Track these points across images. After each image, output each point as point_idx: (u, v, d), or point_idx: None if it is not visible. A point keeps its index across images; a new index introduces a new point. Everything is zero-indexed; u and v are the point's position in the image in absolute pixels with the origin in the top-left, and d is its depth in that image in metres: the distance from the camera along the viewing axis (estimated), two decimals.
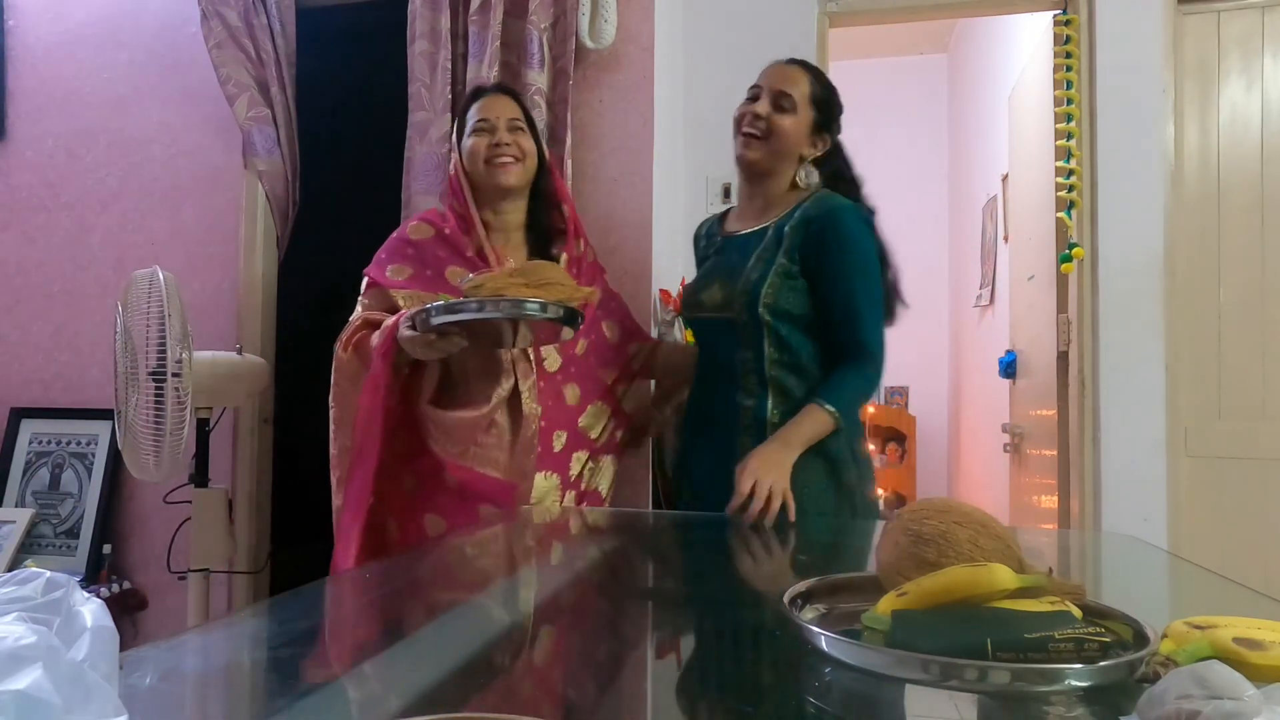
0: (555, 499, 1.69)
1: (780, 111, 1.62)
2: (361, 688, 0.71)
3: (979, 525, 0.81)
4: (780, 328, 1.59)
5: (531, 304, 1.46)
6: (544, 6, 2.17)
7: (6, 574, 0.49)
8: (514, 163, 1.70)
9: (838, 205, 1.62)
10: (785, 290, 1.58)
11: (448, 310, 1.47)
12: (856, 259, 1.59)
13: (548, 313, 1.48)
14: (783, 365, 1.60)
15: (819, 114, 1.66)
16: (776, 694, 0.75)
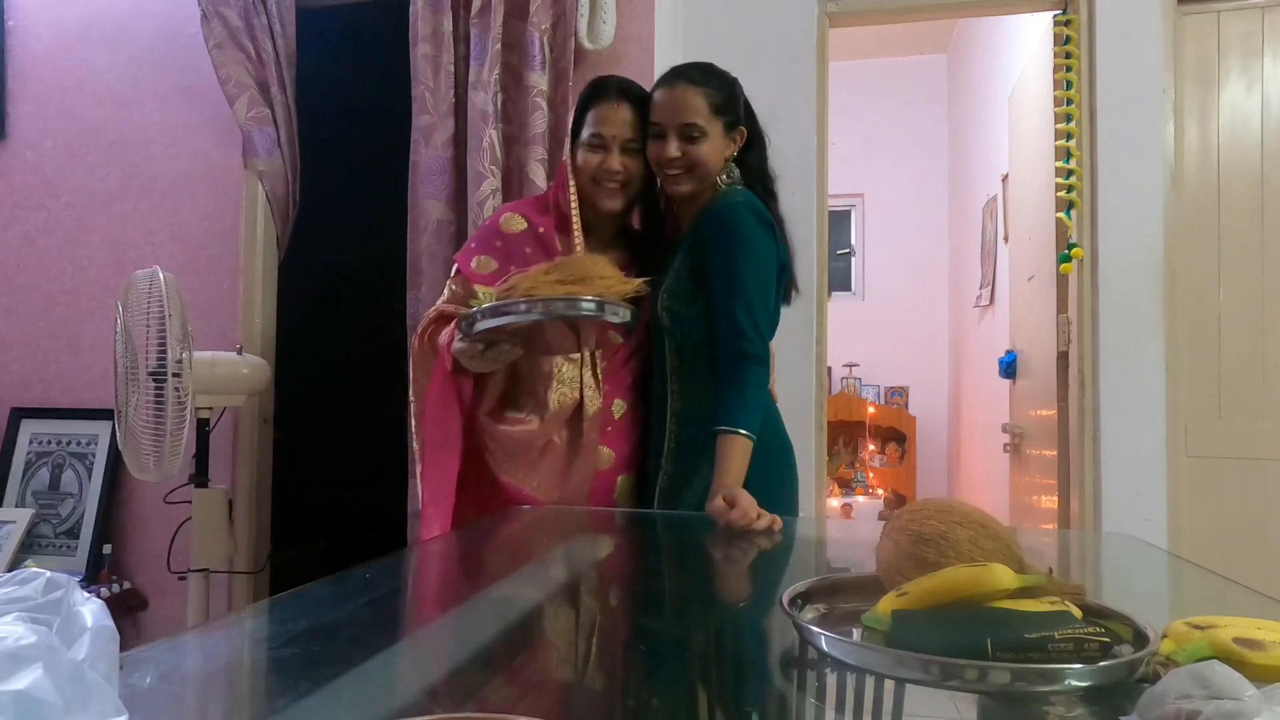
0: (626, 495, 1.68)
1: (691, 142, 1.56)
2: (361, 688, 0.71)
3: (979, 525, 0.81)
4: (678, 330, 1.58)
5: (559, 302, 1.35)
6: (544, 8, 2.17)
7: (6, 574, 0.49)
8: (619, 189, 1.63)
9: (730, 201, 1.57)
10: (678, 293, 1.57)
11: (491, 314, 1.37)
12: (732, 258, 1.53)
13: (588, 310, 1.36)
14: (681, 369, 1.59)
15: (726, 117, 1.61)
16: (776, 694, 0.75)
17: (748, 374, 1.51)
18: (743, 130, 1.64)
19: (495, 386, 1.60)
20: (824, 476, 2.63)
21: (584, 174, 1.63)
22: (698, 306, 1.56)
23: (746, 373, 1.51)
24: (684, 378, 1.60)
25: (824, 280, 2.60)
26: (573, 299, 1.36)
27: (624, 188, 1.63)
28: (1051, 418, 2.62)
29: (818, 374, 2.57)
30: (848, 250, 5.77)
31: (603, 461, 1.64)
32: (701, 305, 1.56)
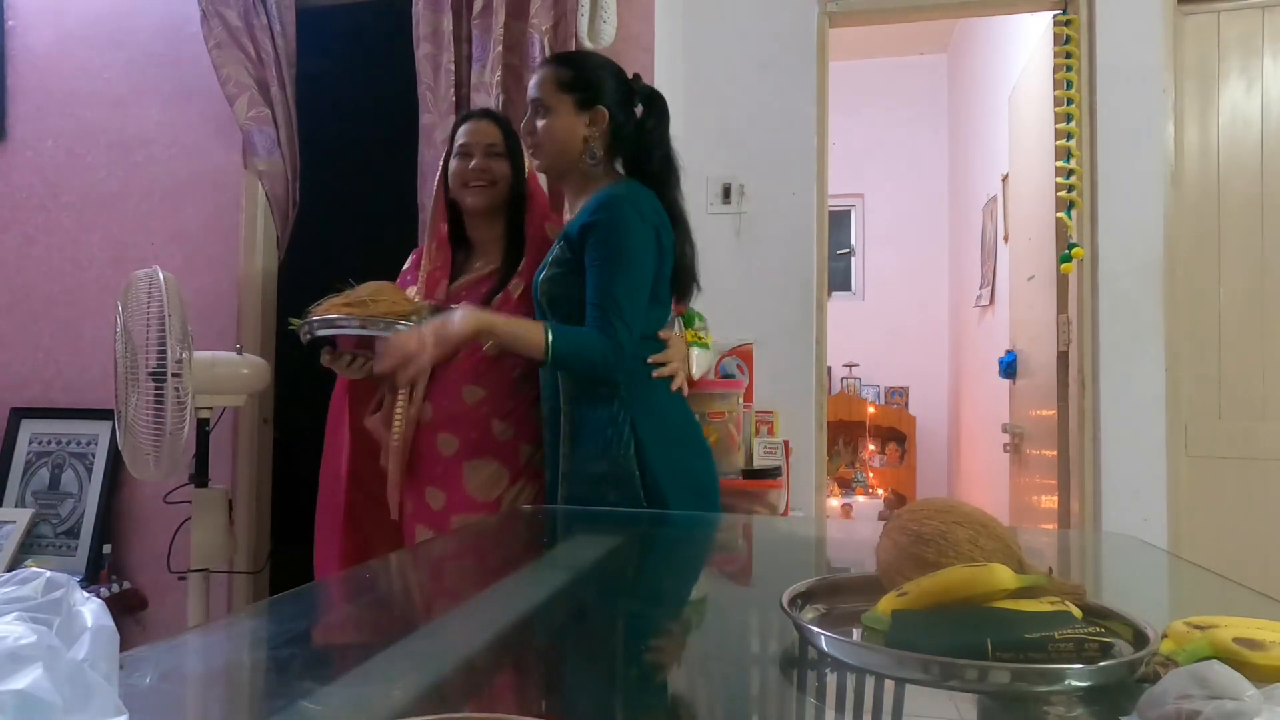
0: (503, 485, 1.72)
1: (536, 116, 1.64)
2: (361, 688, 0.71)
3: (979, 525, 0.81)
4: (553, 312, 1.60)
5: (315, 321, 1.64)
6: (544, 8, 2.17)
7: (6, 574, 0.49)
8: (485, 188, 1.78)
9: (613, 194, 1.58)
10: (556, 279, 1.60)
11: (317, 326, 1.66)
12: (606, 247, 1.54)
13: (358, 328, 1.62)
14: None
15: (576, 94, 1.62)
16: (776, 694, 0.75)
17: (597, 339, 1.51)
18: (601, 110, 1.63)
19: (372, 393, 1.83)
20: (824, 476, 2.63)
21: (455, 180, 1.80)
22: (575, 290, 1.57)
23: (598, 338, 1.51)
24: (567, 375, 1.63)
25: (824, 280, 2.60)
26: (372, 318, 1.62)
27: (490, 187, 1.78)
28: (1051, 418, 2.62)
29: (818, 374, 2.57)
30: (848, 250, 5.77)
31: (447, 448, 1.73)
32: (578, 290, 1.57)
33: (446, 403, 1.74)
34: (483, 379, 1.73)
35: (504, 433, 1.73)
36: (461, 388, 1.73)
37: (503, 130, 1.82)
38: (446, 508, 1.70)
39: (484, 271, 1.82)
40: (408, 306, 1.68)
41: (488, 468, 1.71)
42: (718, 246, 2.60)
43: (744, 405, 2.36)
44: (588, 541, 1.44)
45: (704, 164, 2.63)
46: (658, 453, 1.58)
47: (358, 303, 1.65)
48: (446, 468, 1.71)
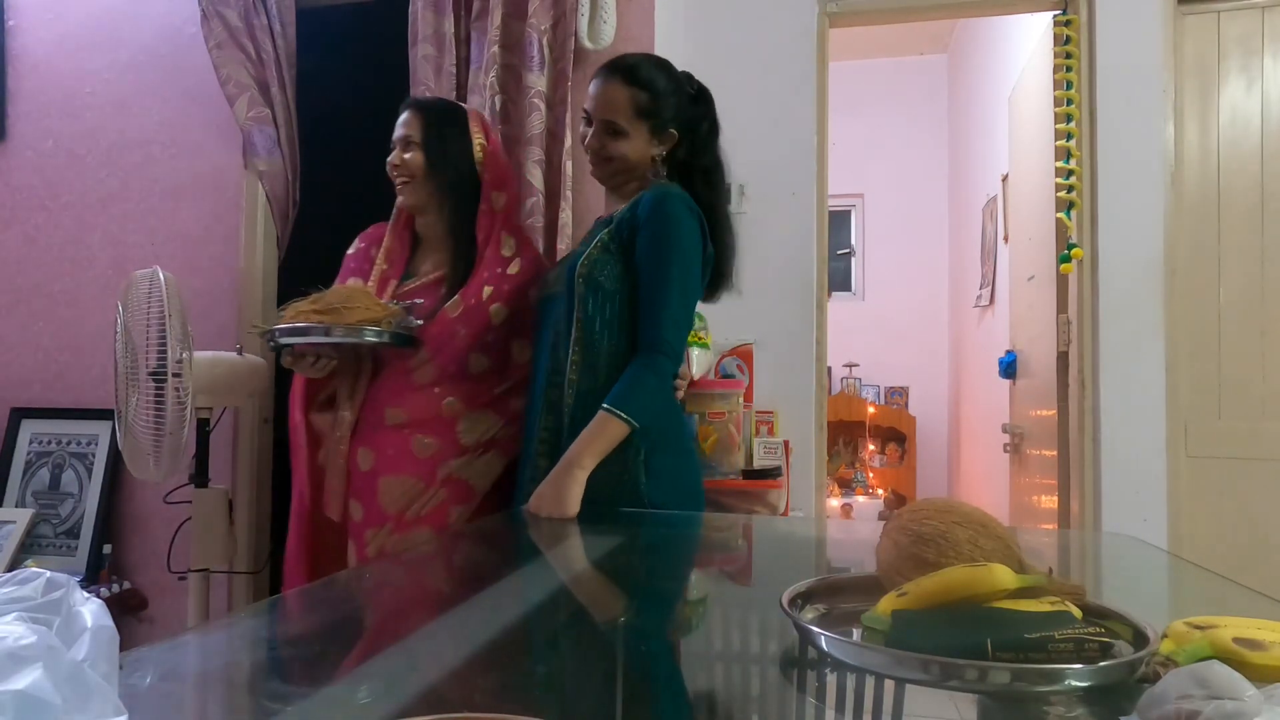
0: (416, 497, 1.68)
1: (613, 138, 1.61)
2: (361, 688, 0.71)
3: (979, 525, 0.81)
4: (590, 300, 1.56)
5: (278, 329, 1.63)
6: (543, 8, 2.17)
7: (6, 574, 0.49)
8: (404, 185, 1.76)
9: (663, 191, 1.58)
10: (600, 262, 1.56)
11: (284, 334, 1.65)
12: (663, 252, 1.54)
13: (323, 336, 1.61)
14: (585, 341, 1.57)
15: (651, 120, 1.62)
16: (776, 694, 0.75)
17: (654, 365, 1.52)
18: (673, 133, 1.65)
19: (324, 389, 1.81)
20: (824, 476, 2.63)
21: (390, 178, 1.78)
22: (617, 283, 1.56)
23: (653, 364, 1.52)
24: (586, 350, 1.57)
25: (824, 280, 2.60)
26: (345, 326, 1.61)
27: (409, 182, 1.75)
28: (1051, 418, 2.62)
29: (818, 374, 2.57)
30: (848, 250, 5.77)
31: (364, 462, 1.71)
32: (621, 284, 1.56)
33: (370, 418, 1.72)
34: (406, 401, 1.71)
35: (425, 449, 1.70)
36: (384, 409, 1.71)
37: (425, 120, 1.76)
38: (364, 521, 1.68)
39: (431, 277, 1.79)
40: (380, 312, 1.66)
41: (403, 484, 1.68)
42: None
43: (744, 405, 2.36)
44: (588, 541, 1.44)
45: None
46: (662, 461, 1.57)
47: (329, 309, 1.63)
48: (364, 482, 1.70)
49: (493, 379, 1.76)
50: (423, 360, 1.71)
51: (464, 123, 1.80)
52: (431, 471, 1.69)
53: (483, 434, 1.74)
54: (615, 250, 1.57)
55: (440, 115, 1.79)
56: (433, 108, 1.81)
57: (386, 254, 1.82)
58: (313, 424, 1.78)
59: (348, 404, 1.73)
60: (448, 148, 1.76)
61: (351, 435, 1.72)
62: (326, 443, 1.75)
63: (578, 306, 1.57)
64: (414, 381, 1.72)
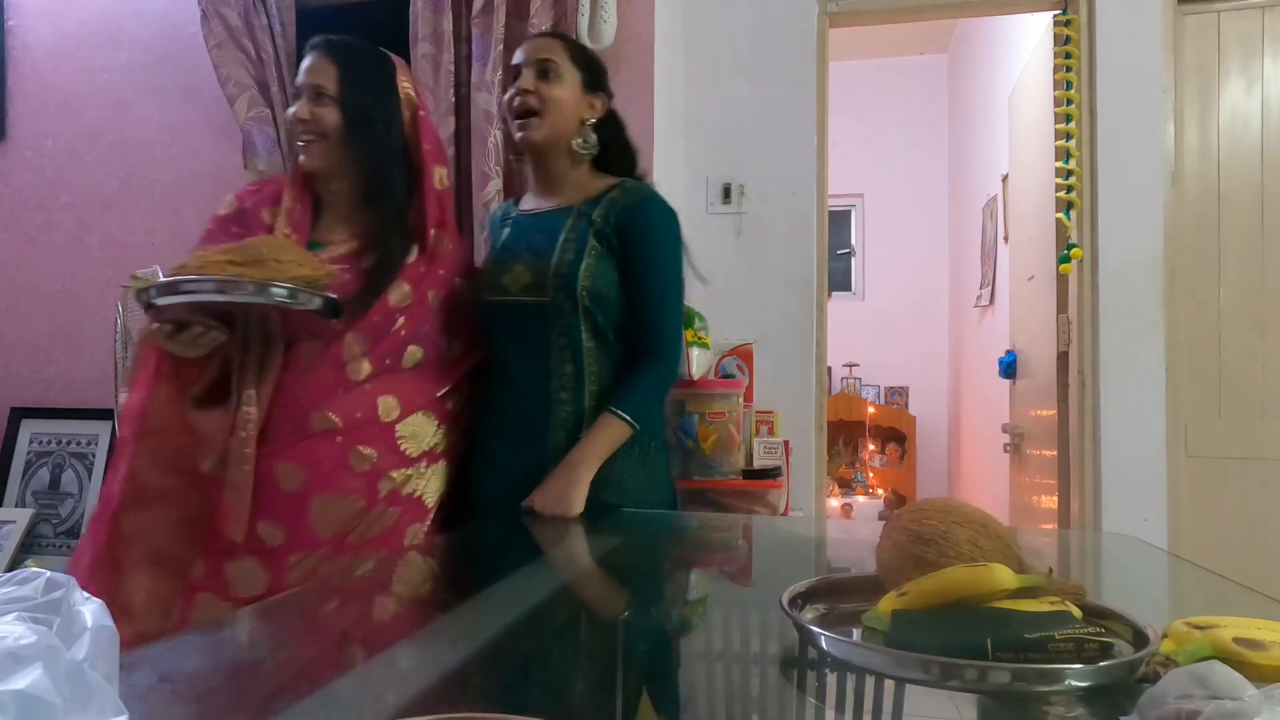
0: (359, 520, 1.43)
1: (547, 80, 1.54)
2: (361, 688, 0.71)
3: (979, 525, 0.81)
4: (598, 313, 1.53)
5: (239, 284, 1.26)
6: (545, 8, 2.17)
7: (6, 574, 0.49)
8: (313, 142, 1.49)
9: (649, 197, 1.59)
10: (601, 275, 1.53)
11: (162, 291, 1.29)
12: (666, 254, 1.57)
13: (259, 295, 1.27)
14: (598, 350, 1.55)
15: (586, 73, 1.59)
16: (776, 694, 0.75)
17: (659, 371, 1.55)
18: (603, 97, 1.62)
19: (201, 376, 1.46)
20: (824, 476, 2.63)
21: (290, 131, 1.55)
22: (617, 290, 1.55)
23: (659, 370, 1.55)
24: (600, 359, 1.55)
25: (824, 280, 2.60)
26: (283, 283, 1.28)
27: (318, 141, 1.48)
28: (1051, 418, 2.62)
29: (818, 374, 2.57)
30: (848, 250, 5.77)
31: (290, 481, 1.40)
32: (619, 290, 1.55)
33: (290, 427, 1.41)
34: (338, 403, 1.43)
35: (363, 462, 1.43)
36: (310, 414, 1.41)
37: (343, 69, 1.50)
38: (286, 546, 1.39)
39: (341, 250, 1.51)
40: (319, 270, 1.37)
41: (340, 504, 1.41)
42: (718, 246, 2.60)
43: (744, 405, 2.36)
44: (587, 541, 1.44)
45: (704, 164, 2.63)
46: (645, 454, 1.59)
47: (253, 261, 1.30)
48: (288, 503, 1.39)
49: (430, 377, 1.55)
50: (357, 353, 1.45)
51: (391, 76, 1.55)
52: (372, 488, 1.44)
53: (426, 441, 1.53)
54: (609, 256, 1.55)
55: (362, 64, 1.53)
56: (353, 53, 1.54)
57: (289, 217, 1.52)
58: (193, 424, 1.43)
59: (252, 399, 1.40)
60: (371, 106, 1.51)
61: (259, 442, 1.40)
62: (212, 448, 1.40)
63: (584, 318, 1.53)
64: (347, 378, 1.44)
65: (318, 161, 1.50)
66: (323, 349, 1.44)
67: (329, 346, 1.44)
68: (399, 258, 1.51)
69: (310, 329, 1.44)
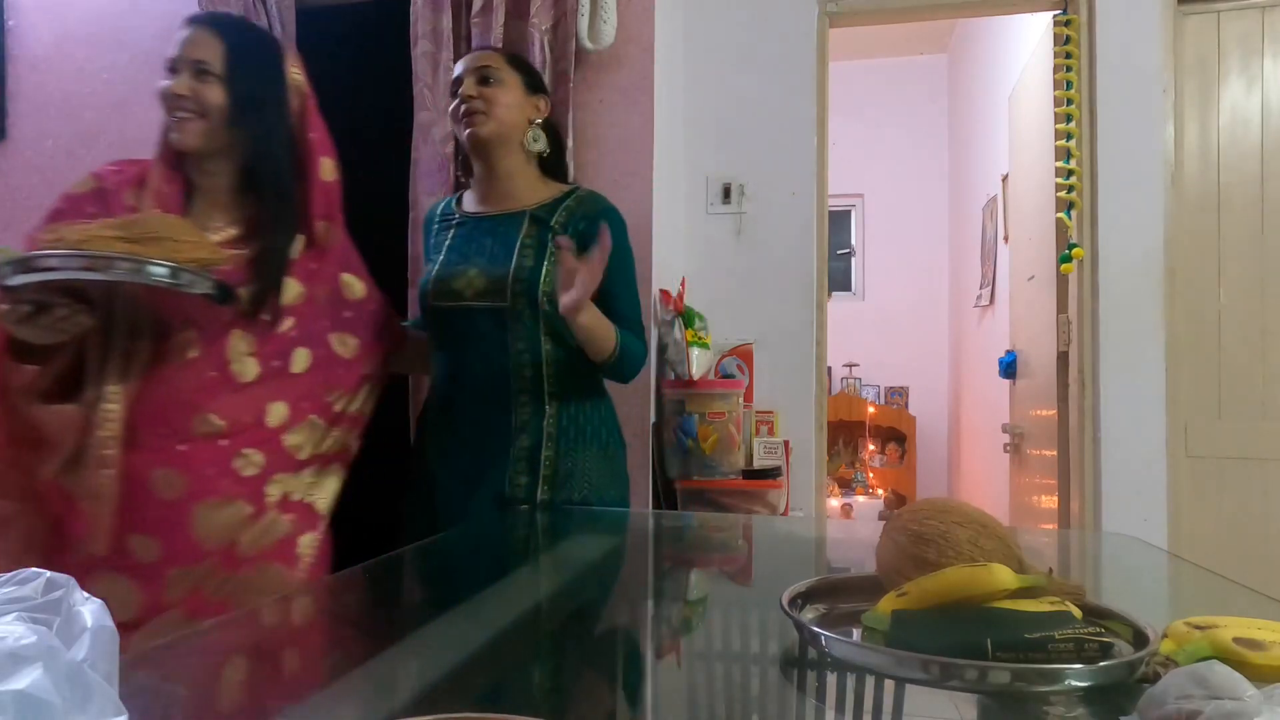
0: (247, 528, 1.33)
1: (488, 85, 1.59)
2: (362, 687, 0.71)
3: (979, 525, 0.81)
4: (557, 318, 1.51)
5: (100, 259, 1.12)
6: (545, 8, 2.17)
7: (6, 574, 0.49)
8: (190, 119, 1.39)
9: (609, 208, 1.64)
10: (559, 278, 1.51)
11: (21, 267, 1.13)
12: (626, 263, 1.63)
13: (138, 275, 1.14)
14: (556, 353, 1.56)
15: (526, 76, 1.65)
16: (776, 694, 0.75)
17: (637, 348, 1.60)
18: (546, 99, 1.68)
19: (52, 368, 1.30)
20: (824, 476, 2.63)
21: (161, 105, 1.41)
22: None
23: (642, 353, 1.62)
24: (558, 362, 1.57)
25: (824, 280, 2.60)
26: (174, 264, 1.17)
27: (201, 119, 1.38)
28: (1051, 418, 2.62)
29: (818, 374, 2.57)
30: (848, 250, 5.77)
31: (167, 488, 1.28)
32: None
33: (164, 429, 1.29)
34: (223, 404, 1.32)
35: (250, 466, 1.33)
36: (191, 416, 1.30)
37: (230, 46, 1.39)
38: (164, 559, 1.27)
39: (222, 235, 1.40)
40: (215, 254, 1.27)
41: (227, 511, 1.31)
42: (718, 246, 2.60)
43: (744, 405, 2.36)
44: (587, 541, 1.44)
45: (704, 164, 2.63)
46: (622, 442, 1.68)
47: (143, 238, 1.18)
48: (166, 512, 1.27)
49: (320, 380, 1.45)
50: (243, 352, 1.35)
51: (281, 60, 1.47)
52: (259, 493, 1.34)
53: (316, 445, 1.44)
54: None
55: (251, 43, 1.44)
56: (241, 31, 1.45)
57: (157, 199, 1.40)
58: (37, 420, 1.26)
59: (116, 395, 1.26)
60: (259, 88, 1.42)
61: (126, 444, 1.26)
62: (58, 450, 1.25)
63: (544, 323, 1.55)
64: (233, 378, 1.34)
65: (196, 141, 1.40)
66: (203, 343, 1.32)
67: (211, 342, 1.33)
68: (285, 249, 1.41)
69: (192, 318, 1.31)
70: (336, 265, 1.52)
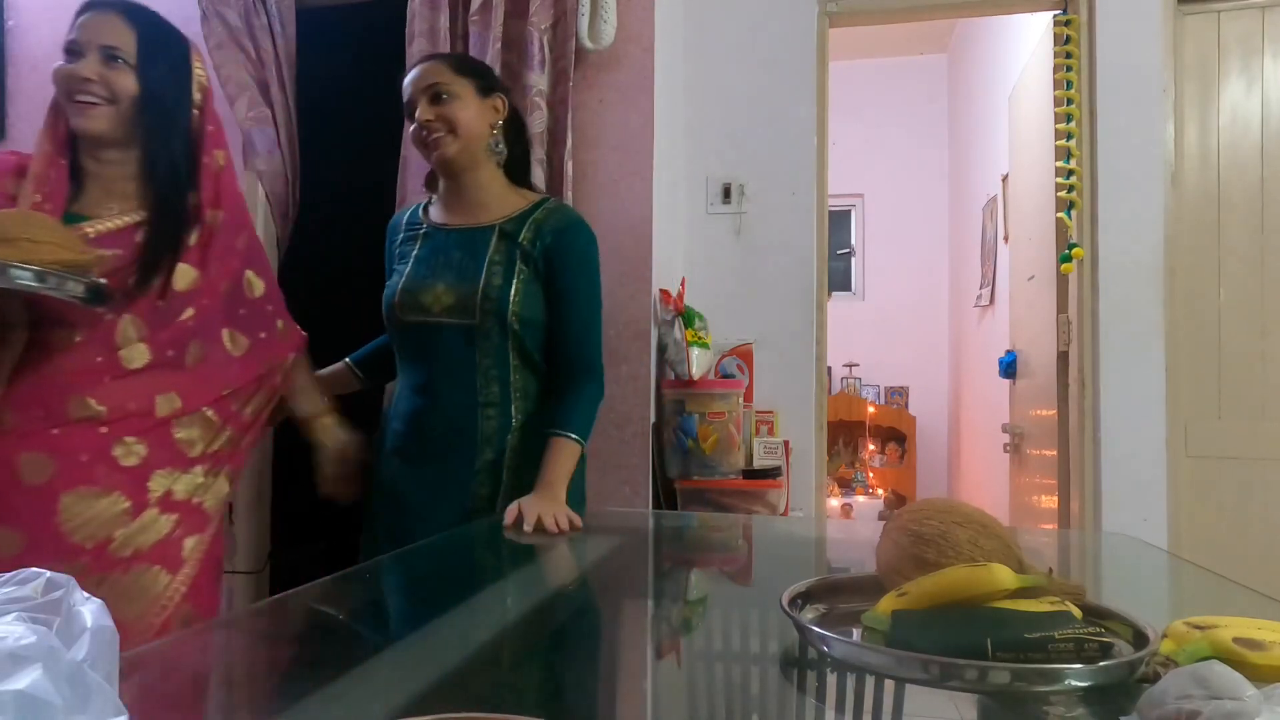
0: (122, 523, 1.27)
1: (442, 103, 1.55)
2: (361, 688, 0.71)
3: (979, 525, 0.81)
4: (526, 337, 1.55)
5: None
6: (544, 7, 2.17)
7: (6, 574, 0.49)
8: (98, 105, 1.35)
9: (574, 221, 1.63)
10: (529, 298, 1.55)
11: None
12: (591, 278, 1.62)
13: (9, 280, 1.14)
14: (524, 370, 1.57)
15: (477, 79, 1.60)
16: (776, 694, 0.75)
17: (596, 392, 1.61)
18: (501, 98, 1.63)
19: None
20: (824, 476, 2.63)
21: (60, 90, 1.37)
22: (544, 314, 1.58)
23: (596, 391, 1.60)
24: (526, 379, 1.58)
25: (824, 280, 2.60)
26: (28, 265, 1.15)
27: (106, 106, 1.35)
28: (1051, 418, 2.62)
29: (818, 374, 2.57)
30: (848, 250, 5.77)
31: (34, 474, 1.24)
32: (545, 313, 1.58)
33: (38, 412, 1.25)
34: (105, 390, 1.29)
35: (130, 456, 1.29)
36: (66, 398, 1.26)
37: (142, 34, 1.38)
38: (27, 553, 1.20)
39: (123, 222, 1.37)
40: (76, 254, 1.23)
41: (100, 503, 1.25)
42: (718, 246, 2.60)
43: (744, 405, 2.36)
44: (587, 542, 1.44)
45: (704, 164, 2.63)
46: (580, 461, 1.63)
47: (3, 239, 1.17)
48: (30, 500, 1.22)
49: (216, 375, 1.42)
50: (133, 338, 1.31)
51: (188, 54, 1.48)
52: (140, 486, 1.29)
53: (209, 443, 1.40)
54: (534, 280, 1.56)
55: (162, 35, 1.43)
56: (153, 21, 1.42)
57: (38, 182, 1.36)
58: None
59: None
60: (168, 77, 1.42)
61: None
62: None
63: (513, 341, 1.55)
64: (119, 364, 1.30)
65: (103, 127, 1.36)
66: (86, 327, 1.29)
67: (95, 326, 1.30)
68: (174, 233, 1.38)
69: (66, 316, 1.28)
70: (241, 261, 1.50)
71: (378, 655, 0.81)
